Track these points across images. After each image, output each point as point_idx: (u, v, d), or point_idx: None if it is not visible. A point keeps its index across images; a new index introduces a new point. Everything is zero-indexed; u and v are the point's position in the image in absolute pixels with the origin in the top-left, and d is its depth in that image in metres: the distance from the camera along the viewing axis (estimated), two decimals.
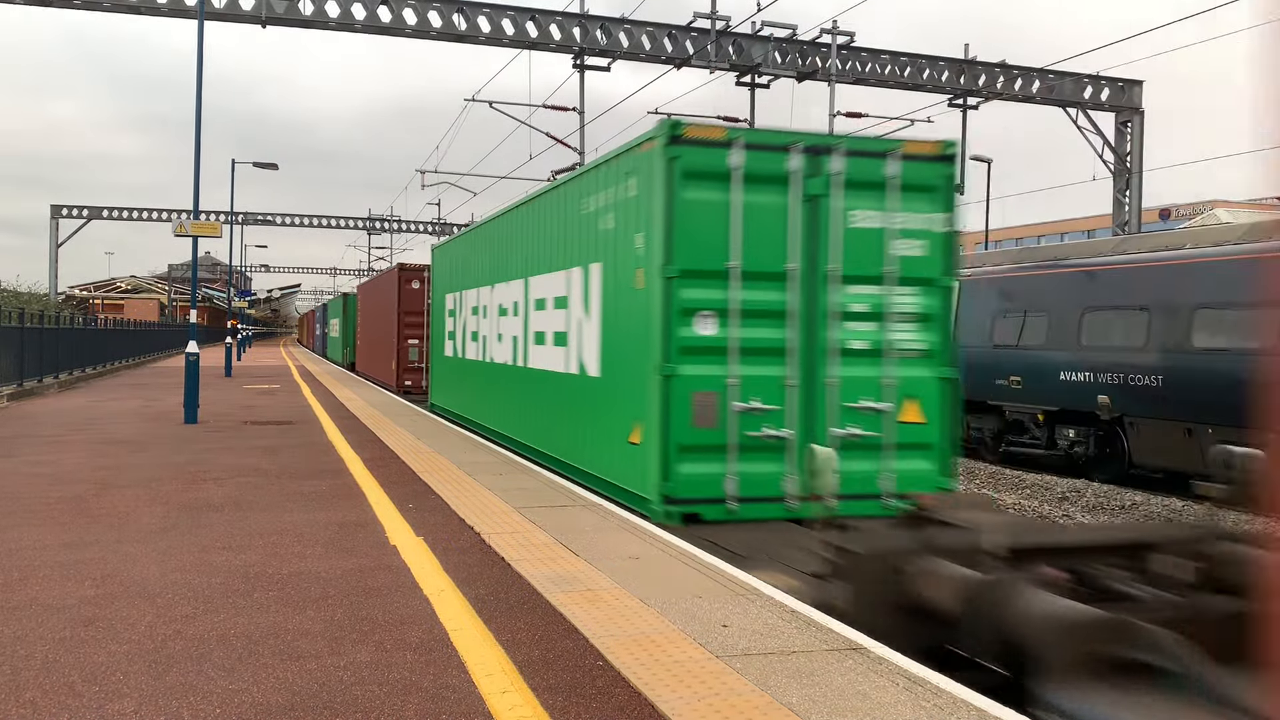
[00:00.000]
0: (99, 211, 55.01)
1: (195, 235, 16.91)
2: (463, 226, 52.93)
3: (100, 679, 4.18)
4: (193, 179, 16.82)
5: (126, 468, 10.48)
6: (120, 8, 20.90)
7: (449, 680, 4.21)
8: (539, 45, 23.35)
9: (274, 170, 31.36)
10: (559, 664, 4.42)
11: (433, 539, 7.01)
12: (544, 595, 5.51)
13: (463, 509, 8.14)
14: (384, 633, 4.86)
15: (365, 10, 21.93)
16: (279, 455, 11.64)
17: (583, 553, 6.54)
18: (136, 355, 39.92)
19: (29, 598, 5.42)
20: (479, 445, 12.79)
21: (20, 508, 8.07)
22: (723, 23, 23.86)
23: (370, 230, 63.27)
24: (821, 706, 3.88)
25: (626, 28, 23.77)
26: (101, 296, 72.21)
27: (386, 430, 14.61)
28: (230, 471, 10.28)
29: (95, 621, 4.99)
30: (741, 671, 4.27)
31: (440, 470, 10.43)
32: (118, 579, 5.84)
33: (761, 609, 5.23)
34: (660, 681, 4.15)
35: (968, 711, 3.84)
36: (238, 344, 44.71)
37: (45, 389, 22.64)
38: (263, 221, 58.45)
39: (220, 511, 8.02)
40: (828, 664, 4.38)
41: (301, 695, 4.02)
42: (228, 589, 5.64)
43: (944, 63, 26.27)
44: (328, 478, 9.90)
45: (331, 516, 7.83)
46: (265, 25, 21.45)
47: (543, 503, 8.45)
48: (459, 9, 22.47)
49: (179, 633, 4.82)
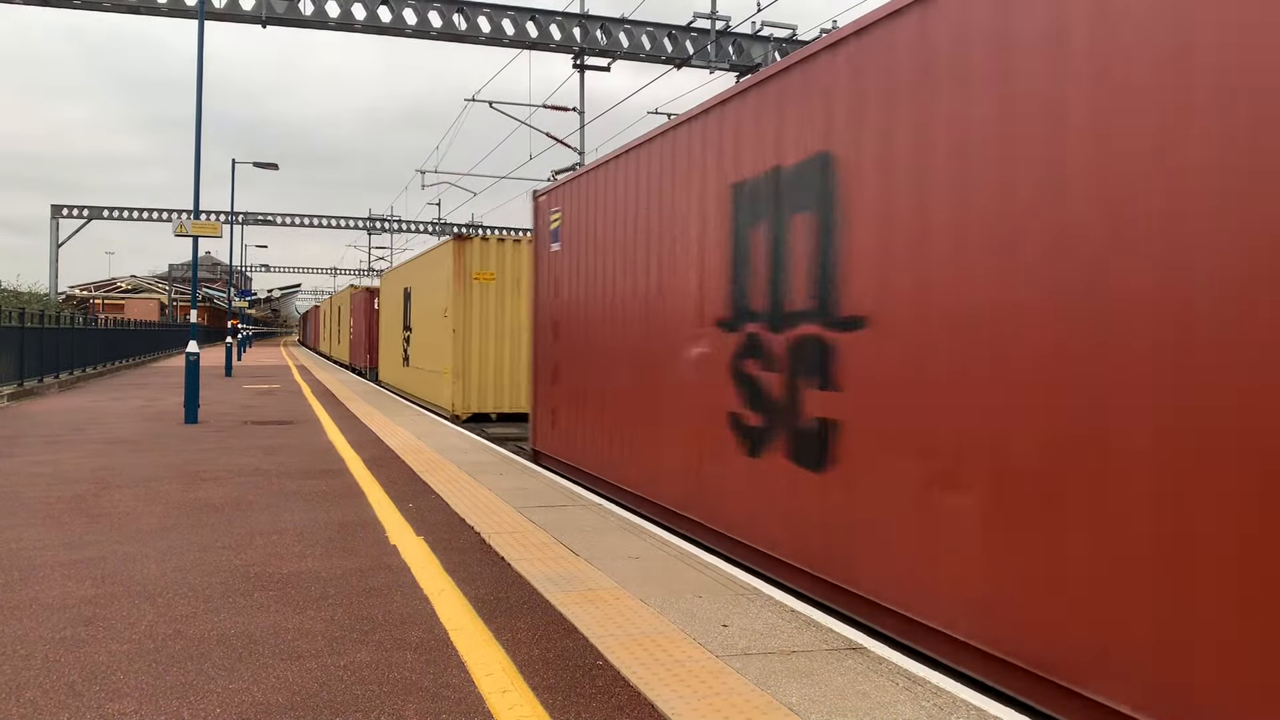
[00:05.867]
0: (99, 211, 55.08)
1: (195, 235, 16.91)
2: (462, 227, 52.97)
3: (100, 679, 4.18)
4: (193, 179, 16.85)
5: (127, 467, 10.48)
6: (120, 7, 20.91)
7: (449, 680, 4.21)
8: (539, 45, 23.36)
9: (274, 170, 31.37)
10: (559, 663, 4.42)
11: (433, 539, 7.02)
12: (544, 595, 5.51)
13: (463, 509, 8.14)
14: (384, 632, 4.86)
15: (365, 10, 21.93)
16: (279, 455, 11.64)
17: (583, 552, 6.54)
18: (137, 355, 39.92)
19: (29, 597, 5.42)
20: (479, 445, 12.80)
21: (20, 507, 8.07)
22: (723, 23, 23.87)
23: (370, 230, 63.33)
24: (821, 706, 3.88)
25: (626, 28, 23.77)
26: (102, 296, 72.24)
27: (387, 430, 14.61)
28: (230, 471, 10.28)
29: (95, 621, 5.00)
30: (741, 671, 4.27)
31: (440, 470, 10.44)
32: (118, 579, 5.84)
33: (761, 608, 5.23)
34: (660, 681, 4.15)
35: (967, 711, 3.84)
36: (238, 344, 44.73)
37: (46, 389, 22.64)
38: (263, 221, 58.49)
39: (220, 511, 8.02)
40: (828, 664, 4.38)
41: (301, 695, 4.02)
42: (228, 589, 5.64)
43: None
44: (328, 477, 9.90)
45: (332, 516, 7.83)
46: (265, 25, 21.46)
47: (543, 503, 8.45)
48: (459, 9, 22.47)
49: (179, 632, 4.82)
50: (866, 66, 5.37)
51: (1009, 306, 4.29)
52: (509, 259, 17.71)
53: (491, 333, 17.49)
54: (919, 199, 4.89)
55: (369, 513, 7.99)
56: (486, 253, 17.70)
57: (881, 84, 5.22)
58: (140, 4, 20.75)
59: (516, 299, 17.58)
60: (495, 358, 17.51)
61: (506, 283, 17.62)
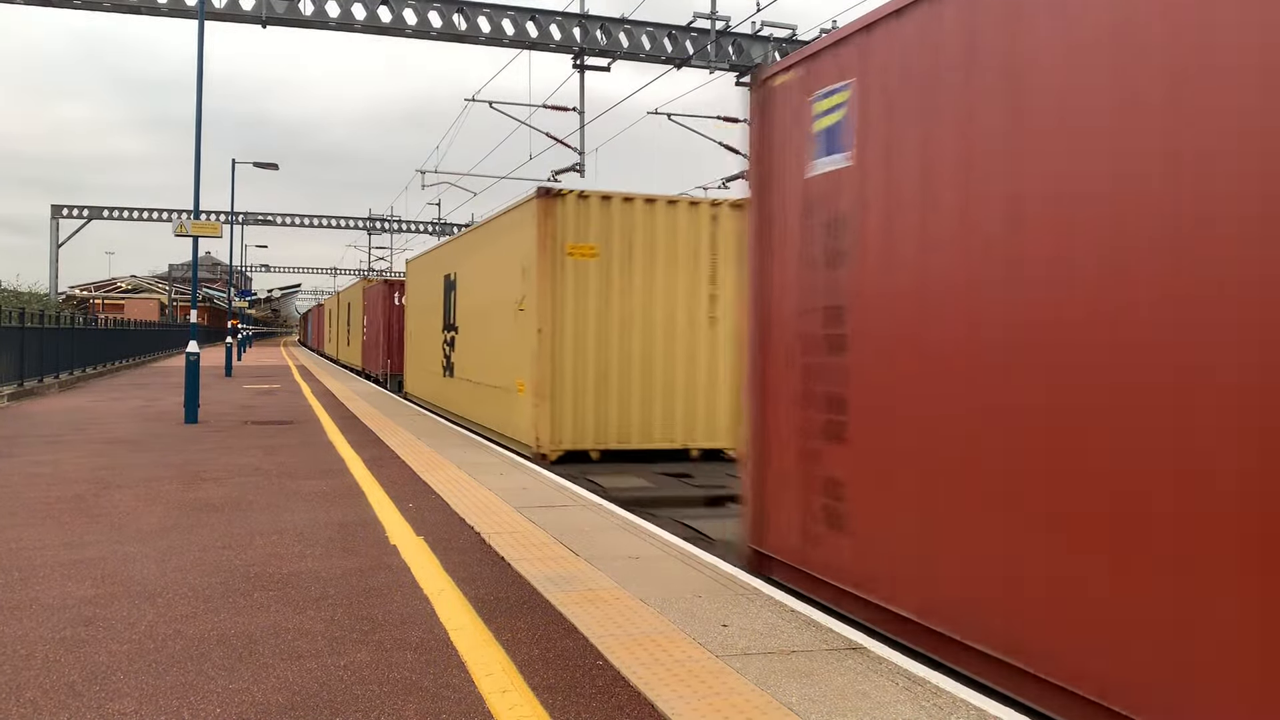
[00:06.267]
0: (99, 211, 55.09)
1: (195, 235, 16.92)
2: (462, 227, 52.98)
3: (100, 679, 4.18)
4: (193, 179, 16.84)
5: (127, 467, 10.48)
6: (120, 7, 20.91)
7: (449, 680, 4.21)
8: (539, 45, 23.36)
9: (274, 170, 31.37)
10: (559, 663, 4.42)
11: (433, 538, 7.02)
12: (544, 595, 5.51)
13: (463, 509, 8.14)
14: (384, 632, 4.86)
15: (365, 10, 21.93)
16: (279, 455, 11.64)
17: (583, 553, 6.54)
18: (137, 355, 39.92)
19: (29, 597, 5.42)
20: (479, 445, 12.79)
21: (20, 507, 8.07)
22: (723, 23, 23.87)
23: (370, 230, 63.35)
24: (821, 706, 3.88)
25: (626, 28, 23.77)
26: (102, 296, 72.25)
27: (387, 430, 14.61)
28: (230, 471, 10.28)
29: (95, 621, 5.00)
30: (741, 671, 4.27)
31: (440, 470, 10.44)
32: (118, 579, 5.84)
33: (761, 608, 5.23)
34: (660, 681, 4.15)
35: (967, 711, 3.84)
36: (238, 344, 44.73)
37: (46, 389, 22.64)
38: (263, 221, 58.49)
39: (220, 511, 8.02)
40: (828, 664, 4.38)
41: (301, 695, 4.02)
42: (228, 589, 5.64)
43: None
44: (328, 477, 9.90)
45: (332, 516, 7.83)
46: (265, 25, 21.45)
47: (543, 503, 8.45)
48: (459, 9, 22.48)
49: (179, 632, 4.82)
50: None
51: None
52: (618, 224, 12.17)
53: (592, 332, 12.07)
54: None
55: (369, 513, 7.99)
56: (585, 216, 12.09)
57: None
58: (140, 4, 20.75)
59: (628, 280, 12.15)
60: (598, 368, 12.06)
61: (614, 260, 12.13)
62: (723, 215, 12.38)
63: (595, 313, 12.07)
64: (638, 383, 12.14)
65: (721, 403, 12.26)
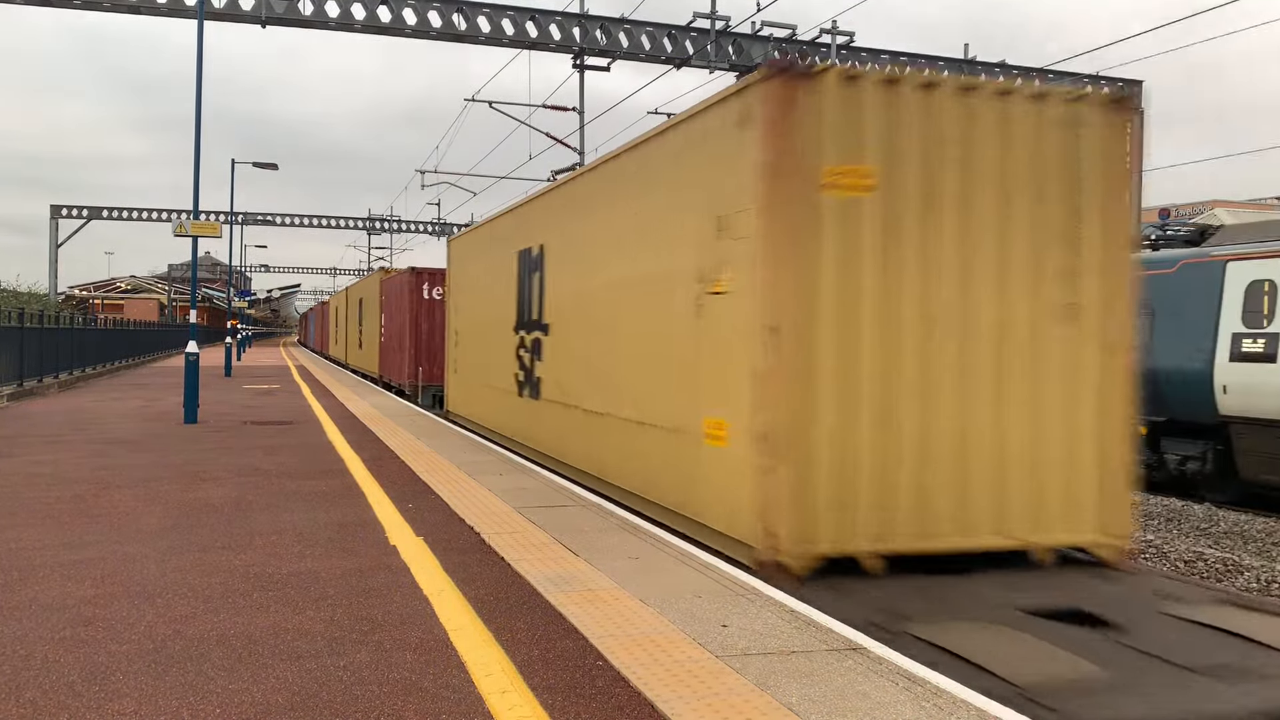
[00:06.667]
0: (99, 211, 55.07)
1: (195, 235, 16.92)
2: (462, 226, 52.98)
3: (100, 679, 4.18)
4: (193, 179, 16.83)
5: (126, 467, 10.48)
6: (119, 7, 20.91)
7: (449, 680, 4.21)
8: (539, 45, 23.36)
9: (274, 170, 31.36)
10: (559, 664, 4.42)
11: (433, 539, 7.02)
12: (544, 595, 5.51)
13: (462, 509, 8.14)
14: (384, 633, 4.86)
15: (365, 10, 21.93)
16: (279, 455, 11.64)
17: (583, 553, 6.54)
18: (137, 355, 39.92)
19: (29, 598, 5.42)
20: (479, 445, 12.80)
21: (20, 507, 8.07)
22: (722, 23, 23.87)
23: (370, 230, 63.34)
24: (821, 706, 3.88)
25: (626, 28, 23.77)
26: (101, 296, 72.22)
27: (386, 430, 14.61)
28: (230, 471, 10.28)
29: (95, 621, 5.00)
30: (741, 671, 4.27)
31: (440, 470, 10.44)
32: (117, 579, 5.84)
33: (761, 609, 5.23)
34: (660, 681, 4.15)
35: (967, 711, 3.84)
36: (237, 344, 44.72)
37: (46, 389, 22.64)
38: (263, 221, 58.48)
39: (220, 511, 8.02)
40: (828, 664, 4.38)
41: (301, 695, 4.02)
42: (228, 589, 5.64)
43: (944, 63, 26.28)
44: (328, 477, 9.90)
45: (331, 516, 7.83)
46: (265, 25, 21.45)
47: (543, 503, 8.45)
48: (459, 9, 22.47)
49: (179, 633, 4.82)
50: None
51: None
52: (914, 132, 6.59)
53: (867, 337, 6.51)
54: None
55: (369, 513, 7.99)
56: (855, 117, 6.50)
57: None
58: (140, 4, 20.75)
59: (933, 241, 6.60)
60: (879, 403, 6.52)
61: (908, 201, 6.56)
62: (1085, 118, 6.90)
63: (872, 299, 6.53)
64: (949, 433, 6.64)
65: (1087, 464, 6.87)
